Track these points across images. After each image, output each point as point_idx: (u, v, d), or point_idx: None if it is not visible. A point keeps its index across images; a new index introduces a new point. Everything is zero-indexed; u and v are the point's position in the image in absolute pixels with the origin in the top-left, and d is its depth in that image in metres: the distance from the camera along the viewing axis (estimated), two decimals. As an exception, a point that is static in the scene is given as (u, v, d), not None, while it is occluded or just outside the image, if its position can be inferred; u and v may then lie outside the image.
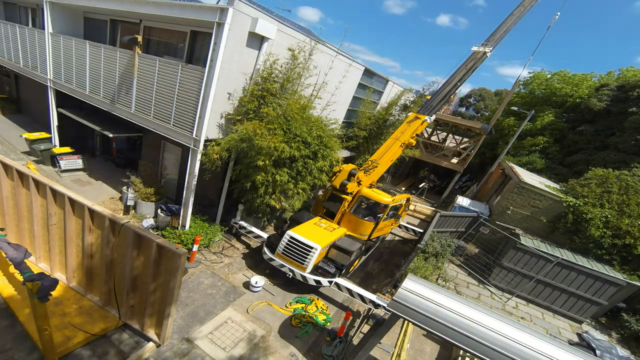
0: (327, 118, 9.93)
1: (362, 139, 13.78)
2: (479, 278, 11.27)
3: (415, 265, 9.25)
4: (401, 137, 10.14)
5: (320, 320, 7.40)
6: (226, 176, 9.22)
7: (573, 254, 10.79)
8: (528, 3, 11.46)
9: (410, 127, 10.34)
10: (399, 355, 6.81)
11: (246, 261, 9.05)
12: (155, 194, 9.77)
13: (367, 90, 13.99)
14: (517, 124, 20.35)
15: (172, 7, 7.58)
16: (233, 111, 8.32)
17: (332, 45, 11.13)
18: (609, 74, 21.34)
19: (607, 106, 17.87)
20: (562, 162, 18.36)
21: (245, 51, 7.68)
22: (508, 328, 4.43)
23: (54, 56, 10.97)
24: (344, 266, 8.35)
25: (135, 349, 5.54)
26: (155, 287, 5.19)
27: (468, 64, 10.88)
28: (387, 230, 11.15)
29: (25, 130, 14.15)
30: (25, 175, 5.77)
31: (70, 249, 5.84)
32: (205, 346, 6.03)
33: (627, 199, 11.11)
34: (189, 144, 8.05)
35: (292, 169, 8.53)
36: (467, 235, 13.18)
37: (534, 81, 23.55)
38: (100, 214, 5.16)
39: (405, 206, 11.53)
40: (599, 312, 10.41)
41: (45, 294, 4.06)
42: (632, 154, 15.44)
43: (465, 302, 4.80)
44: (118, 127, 11.21)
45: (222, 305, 7.15)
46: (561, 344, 4.36)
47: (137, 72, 8.57)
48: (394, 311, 4.69)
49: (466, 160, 18.28)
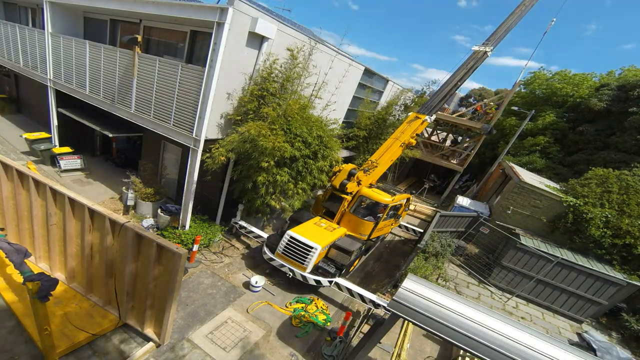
0: (327, 118, 9.93)
1: (362, 139, 13.79)
2: (479, 278, 11.27)
3: (415, 265, 9.25)
4: (401, 137, 10.11)
5: (320, 320, 7.40)
6: (226, 176, 9.22)
7: (573, 253, 10.79)
8: (529, 2, 11.44)
9: (410, 127, 10.32)
10: (399, 355, 6.81)
11: (246, 261, 9.05)
12: (155, 194, 9.77)
13: (367, 90, 13.99)
14: (518, 124, 20.34)
15: (172, 6, 7.58)
16: (233, 111, 8.32)
17: (332, 45, 11.13)
18: (609, 74, 21.31)
19: (608, 106, 17.86)
20: (563, 162, 18.35)
21: (245, 51, 7.68)
22: (508, 328, 4.43)
23: (54, 56, 10.97)
24: (344, 266, 8.35)
25: (136, 349, 5.54)
26: (156, 287, 5.19)
27: (469, 63, 10.87)
28: (387, 230, 11.14)
29: (25, 130, 14.15)
30: (25, 175, 5.77)
31: (71, 249, 5.84)
32: (205, 346, 6.03)
33: (627, 199, 11.11)
34: (189, 144, 8.05)
35: (293, 169, 8.53)
36: (467, 235, 13.17)
37: (535, 81, 23.54)
38: (101, 214, 5.16)
39: (405, 206, 11.52)
40: (599, 312, 10.40)
41: (46, 294, 4.06)
42: (633, 154, 15.43)
43: (466, 302, 4.80)
44: (118, 127, 11.21)
45: (222, 305, 7.15)
46: (561, 344, 4.36)
47: (137, 72, 8.57)
48: (394, 311, 4.69)
49: (466, 160, 18.28)
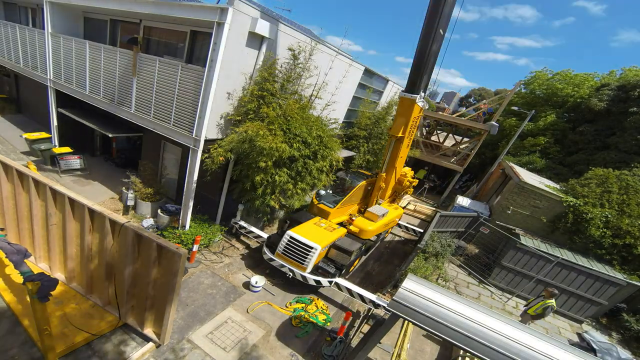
0: (327, 118, 9.93)
1: (362, 139, 13.79)
2: (479, 278, 11.26)
3: (415, 265, 9.25)
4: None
5: (320, 320, 7.40)
6: (226, 176, 9.22)
7: (573, 254, 10.78)
8: None
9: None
10: (399, 355, 6.81)
11: (246, 261, 9.05)
12: (155, 194, 9.77)
13: (367, 90, 13.99)
14: (518, 124, 20.34)
15: (172, 6, 7.58)
16: (233, 111, 8.32)
17: (332, 45, 11.13)
18: (610, 74, 21.26)
19: (608, 106, 17.85)
20: (563, 162, 18.33)
21: (245, 51, 7.67)
22: (508, 328, 4.43)
23: (54, 56, 10.97)
24: (344, 266, 8.35)
25: (135, 349, 5.54)
26: (155, 287, 5.19)
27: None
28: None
29: (25, 130, 14.14)
30: (25, 175, 5.77)
31: (70, 249, 5.84)
32: (205, 346, 6.03)
33: (627, 199, 11.11)
34: (189, 143, 8.05)
35: (292, 169, 8.53)
36: (467, 235, 13.17)
37: (535, 81, 23.50)
38: (100, 214, 5.16)
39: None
40: (599, 312, 10.40)
41: (46, 294, 4.06)
42: (633, 154, 15.41)
43: (466, 302, 4.80)
44: (118, 127, 11.20)
45: (222, 305, 7.15)
46: (561, 344, 4.36)
47: (137, 72, 8.57)
48: (394, 311, 4.69)
49: (466, 160, 18.27)
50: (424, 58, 7.83)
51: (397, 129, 8.81)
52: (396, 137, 8.93)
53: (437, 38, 7.75)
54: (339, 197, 10.03)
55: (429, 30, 7.61)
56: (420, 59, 7.90)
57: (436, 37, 7.69)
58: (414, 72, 8.10)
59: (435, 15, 7.49)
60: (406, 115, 8.63)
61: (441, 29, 7.74)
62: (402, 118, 8.72)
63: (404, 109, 8.62)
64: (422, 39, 7.74)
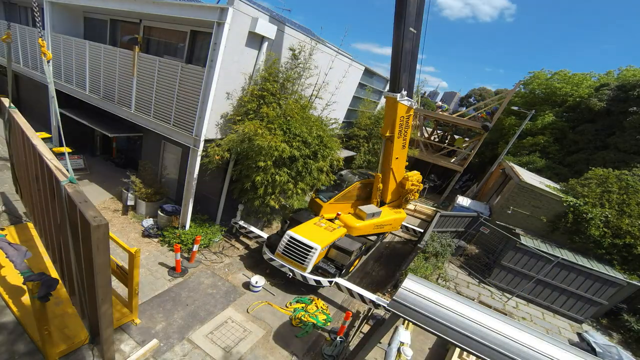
0: (327, 118, 9.93)
1: (362, 139, 13.80)
2: (479, 278, 11.26)
3: (416, 265, 9.25)
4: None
5: (320, 320, 7.40)
6: (226, 176, 9.21)
7: (573, 253, 10.79)
8: None
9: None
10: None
11: (246, 261, 9.05)
12: (155, 194, 9.76)
13: (367, 90, 14.00)
14: (518, 124, 20.35)
15: (172, 6, 7.58)
16: (233, 111, 8.32)
17: (333, 45, 11.13)
18: (608, 74, 21.37)
19: (607, 106, 17.87)
20: (562, 162, 18.35)
21: (245, 51, 7.67)
22: (508, 328, 4.43)
23: (54, 56, 10.97)
24: (344, 266, 8.34)
25: (136, 348, 5.55)
26: (80, 268, 4.10)
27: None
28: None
29: (25, 130, 14.11)
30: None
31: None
32: (205, 346, 6.03)
33: (627, 199, 11.11)
34: (189, 143, 8.05)
35: (292, 169, 8.53)
36: (467, 235, 13.17)
37: (534, 81, 23.57)
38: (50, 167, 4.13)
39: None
40: (599, 312, 10.40)
41: (46, 294, 4.06)
42: (632, 154, 15.43)
43: (466, 302, 4.80)
44: (118, 127, 11.20)
45: (223, 305, 7.15)
46: (561, 344, 4.36)
47: (137, 72, 8.57)
48: (394, 311, 4.69)
49: (466, 160, 18.27)
50: (398, 57, 8.09)
51: (384, 128, 9.23)
52: (385, 136, 9.25)
53: (409, 37, 7.96)
54: (333, 193, 10.13)
55: (398, 29, 7.86)
56: (395, 58, 8.16)
57: (406, 36, 7.89)
58: (392, 71, 8.40)
59: (401, 15, 7.72)
60: (391, 114, 8.91)
61: (412, 28, 7.92)
62: (388, 117, 9.08)
63: (388, 108, 8.98)
64: (394, 38, 8.01)
